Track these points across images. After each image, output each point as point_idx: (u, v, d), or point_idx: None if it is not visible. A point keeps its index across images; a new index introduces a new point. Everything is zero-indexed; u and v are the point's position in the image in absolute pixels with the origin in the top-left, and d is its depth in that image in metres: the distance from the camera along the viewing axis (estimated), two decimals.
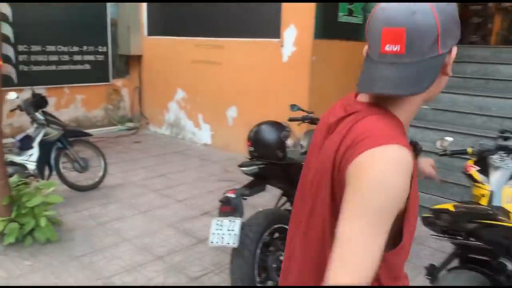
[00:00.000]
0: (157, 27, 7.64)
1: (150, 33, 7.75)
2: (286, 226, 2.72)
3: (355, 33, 6.10)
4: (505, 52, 6.05)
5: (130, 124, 8.07)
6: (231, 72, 6.42)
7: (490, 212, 1.85)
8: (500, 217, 1.90)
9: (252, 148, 2.63)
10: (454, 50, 0.99)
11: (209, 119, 6.92)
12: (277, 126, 2.69)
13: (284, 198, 3.12)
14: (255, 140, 2.63)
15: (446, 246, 2.81)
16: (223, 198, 2.52)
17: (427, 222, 2.07)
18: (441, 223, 1.93)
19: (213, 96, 6.73)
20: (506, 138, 2.46)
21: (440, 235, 2.08)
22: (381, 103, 1.02)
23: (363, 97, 1.07)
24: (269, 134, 2.63)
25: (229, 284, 2.63)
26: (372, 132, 0.96)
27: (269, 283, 2.64)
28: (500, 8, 8.36)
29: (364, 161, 0.93)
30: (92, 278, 3.12)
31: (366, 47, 1.04)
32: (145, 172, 5.55)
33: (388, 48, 0.96)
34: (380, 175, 0.91)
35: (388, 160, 0.92)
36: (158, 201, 4.62)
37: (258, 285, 2.52)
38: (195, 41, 6.89)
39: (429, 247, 3.64)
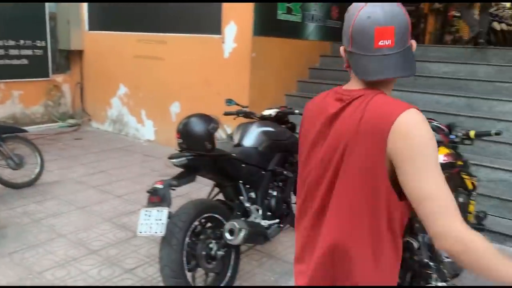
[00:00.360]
0: (98, 22, 7.50)
1: (91, 28, 7.60)
2: (217, 216, 2.83)
3: (294, 31, 6.30)
4: (433, 51, 6.46)
5: (72, 121, 7.89)
6: (173, 67, 6.44)
7: None
8: None
9: (180, 140, 2.70)
10: (414, 42, 1.27)
11: (152, 115, 6.90)
12: (206, 118, 2.77)
13: (217, 189, 3.21)
14: (183, 132, 2.70)
15: None
16: (150, 189, 2.57)
17: None
18: None
19: (156, 92, 6.72)
20: None
21: None
22: (373, 87, 1.25)
23: (353, 86, 1.29)
24: (197, 127, 2.70)
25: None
26: (390, 104, 1.19)
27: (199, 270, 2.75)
28: (432, 9, 8.87)
29: (402, 127, 1.14)
30: (23, 274, 3.09)
31: (343, 47, 1.30)
32: (85, 169, 5.47)
33: (381, 43, 1.20)
34: (423, 133, 1.14)
35: (419, 121, 1.15)
36: (96, 197, 4.59)
37: (187, 272, 2.61)
38: (137, 36, 6.85)
39: None
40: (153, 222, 2.49)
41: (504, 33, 9.59)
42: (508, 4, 11.64)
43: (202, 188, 4.06)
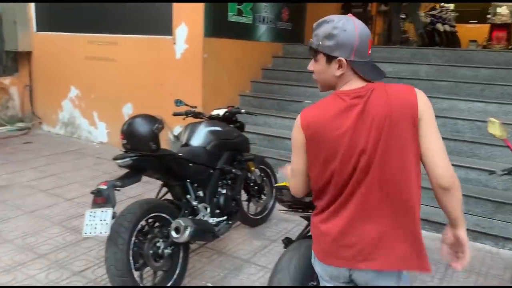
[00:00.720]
0: (47, 23, 7.33)
1: (40, 29, 7.42)
2: (164, 215, 2.87)
3: (245, 32, 6.41)
4: (379, 51, 6.73)
5: (21, 124, 7.67)
6: (125, 69, 6.40)
7: None
8: None
9: (125, 141, 2.73)
10: None
11: (104, 117, 6.82)
12: (150, 119, 2.80)
13: (165, 189, 3.25)
14: (127, 133, 2.72)
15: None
16: (94, 190, 2.59)
17: (277, 199, 2.34)
18: (284, 198, 2.20)
19: (108, 93, 6.65)
20: None
21: (287, 209, 2.36)
22: (373, 82, 1.60)
23: (356, 85, 1.58)
24: (141, 127, 2.73)
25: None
26: (402, 87, 1.57)
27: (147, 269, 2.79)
28: (379, 11, 9.22)
29: (421, 99, 1.53)
30: None
31: (344, 60, 1.55)
32: (34, 173, 5.36)
33: (370, 51, 1.61)
34: (429, 102, 1.55)
35: (424, 93, 1.56)
36: (46, 200, 4.52)
37: (134, 271, 2.64)
38: (87, 37, 6.76)
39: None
40: (98, 222, 2.52)
41: (447, 34, 10.08)
42: (451, 6, 12.26)
43: (155, 189, 4.07)
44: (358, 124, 1.53)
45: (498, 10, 11.32)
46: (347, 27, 1.53)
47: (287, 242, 2.52)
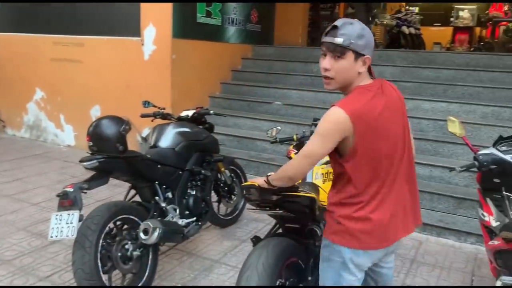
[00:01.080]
0: (10, 23, 7.14)
1: (2, 29, 7.22)
2: (132, 217, 2.85)
3: (214, 34, 6.42)
4: None
5: None
6: (92, 70, 6.30)
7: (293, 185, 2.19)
8: (301, 189, 2.26)
9: (91, 143, 2.70)
10: None
11: (71, 120, 6.69)
12: (117, 120, 2.77)
13: (133, 191, 3.23)
14: (93, 135, 2.69)
15: None
16: (60, 193, 2.55)
17: (245, 198, 2.36)
18: (252, 197, 2.23)
19: (75, 96, 6.53)
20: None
21: (255, 208, 2.39)
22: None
23: (369, 80, 1.79)
24: (108, 129, 2.70)
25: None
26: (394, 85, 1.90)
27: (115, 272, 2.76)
28: (347, 14, 9.41)
29: None
30: None
31: (371, 58, 1.75)
32: None
33: None
34: None
35: None
36: (10, 206, 4.40)
37: (103, 274, 2.61)
38: (52, 38, 6.62)
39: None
40: (64, 225, 2.48)
41: (412, 36, 10.37)
42: (416, 9, 12.62)
43: (123, 192, 4.01)
44: (387, 110, 1.75)
45: (461, 13, 11.72)
46: (368, 29, 1.74)
47: (256, 240, 2.55)
